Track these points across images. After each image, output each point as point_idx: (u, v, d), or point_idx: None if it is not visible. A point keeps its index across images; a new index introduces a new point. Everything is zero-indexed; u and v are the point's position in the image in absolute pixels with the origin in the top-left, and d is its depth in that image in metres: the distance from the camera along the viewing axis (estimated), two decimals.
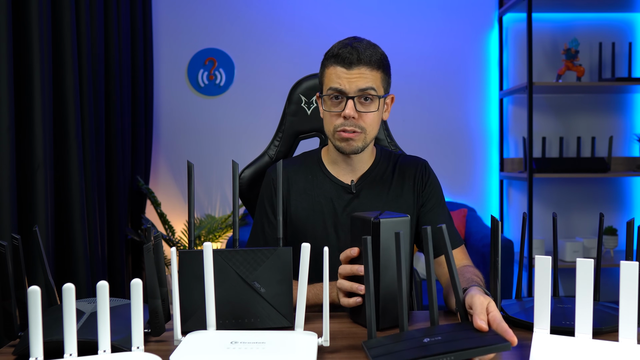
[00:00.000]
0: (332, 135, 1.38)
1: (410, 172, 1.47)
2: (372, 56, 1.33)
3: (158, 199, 3.32)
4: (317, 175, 1.47)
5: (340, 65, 1.33)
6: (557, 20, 3.67)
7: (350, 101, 1.32)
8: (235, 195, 1.12)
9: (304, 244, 0.94)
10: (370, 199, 1.43)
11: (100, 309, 0.80)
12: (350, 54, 1.32)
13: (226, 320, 1.08)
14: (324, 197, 1.44)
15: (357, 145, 1.37)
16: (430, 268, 0.91)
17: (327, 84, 1.36)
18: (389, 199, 1.44)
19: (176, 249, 0.98)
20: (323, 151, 1.51)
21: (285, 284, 1.10)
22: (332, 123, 1.37)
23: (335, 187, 1.45)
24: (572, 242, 3.42)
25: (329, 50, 1.37)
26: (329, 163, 1.48)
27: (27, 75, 1.92)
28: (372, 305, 0.90)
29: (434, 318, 0.90)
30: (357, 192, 1.44)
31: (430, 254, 0.91)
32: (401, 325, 0.90)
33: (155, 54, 3.57)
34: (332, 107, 1.36)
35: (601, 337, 0.99)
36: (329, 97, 1.36)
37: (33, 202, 1.92)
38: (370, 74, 1.33)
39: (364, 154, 1.44)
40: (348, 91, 1.32)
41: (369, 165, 1.47)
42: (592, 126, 3.70)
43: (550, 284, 0.94)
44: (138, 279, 0.82)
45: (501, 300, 1.17)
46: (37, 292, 0.68)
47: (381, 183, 1.45)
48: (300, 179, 1.46)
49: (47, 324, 0.96)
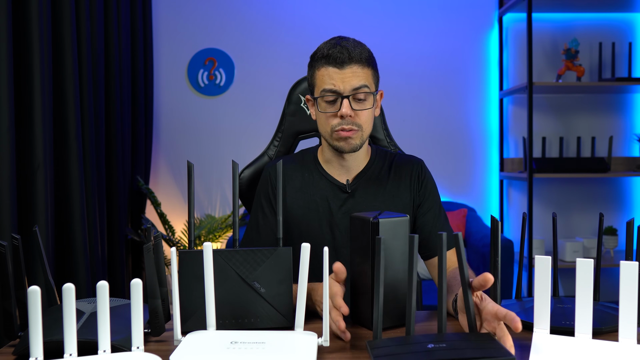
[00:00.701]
0: (330, 135, 1.38)
1: (406, 171, 1.47)
2: (361, 53, 1.34)
3: (158, 199, 3.33)
4: (313, 173, 1.47)
5: (332, 65, 1.33)
6: (557, 20, 3.67)
7: (346, 100, 1.33)
8: (235, 195, 1.12)
9: (304, 244, 0.94)
10: (365, 199, 1.44)
11: (100, 309, 0.80)
12: (341, 53, 1.32)
13: (226, 320, 1.08)
14: (320, 196, 1.45)
15: (355, 143, 1.37)
16: (443, 275, 0.90)
17: (320, 85, 1.36)
18: (385, 199, 1.44)
19: (176, 249, 0.98)
20: (318, 151, 1.52)
21: (285, 284, 1.10)
22: (328, 124, 1.37)
23: (330, 186, 1.45)
24: (572, 242, 3.42)
25: (316, 51, 1.37)
26: (324, 162, 1.48)
27: (27, 75, 1.92)
28: (380, 306, 0.90)
29: (441, 325, 0.90)
30: (352, 191, 1.44)
31: (444, 261, 0.90)
32: (408, 328, 0.90)
33: (155, 53, 3.57)
34: (328, 108, 1.36)
35: (601, 337, 0.99)
36: (323, 98, 1.36)
37: (33, 202, 1.92)
38: (362, 71, 1.34)
39: (359, 153, 1.44)
40: (343, 91, 1.33)
41: (364, 165, 1.47)
42: (592, 126, 3.70)
43: (550, 284, 0.94)
44: (138, 279, 0.82)
45: (501, 301, 1.17)
46: (37, 292, 0.68)
47: (377, 182, 1.45)
48: (297, 176, 1.46)
49: (47, 324, 0.96)
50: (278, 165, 1.16)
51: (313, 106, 1.41)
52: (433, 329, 1.10)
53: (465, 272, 0.90)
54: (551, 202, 3.71)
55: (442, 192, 3.63)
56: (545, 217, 3.66)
